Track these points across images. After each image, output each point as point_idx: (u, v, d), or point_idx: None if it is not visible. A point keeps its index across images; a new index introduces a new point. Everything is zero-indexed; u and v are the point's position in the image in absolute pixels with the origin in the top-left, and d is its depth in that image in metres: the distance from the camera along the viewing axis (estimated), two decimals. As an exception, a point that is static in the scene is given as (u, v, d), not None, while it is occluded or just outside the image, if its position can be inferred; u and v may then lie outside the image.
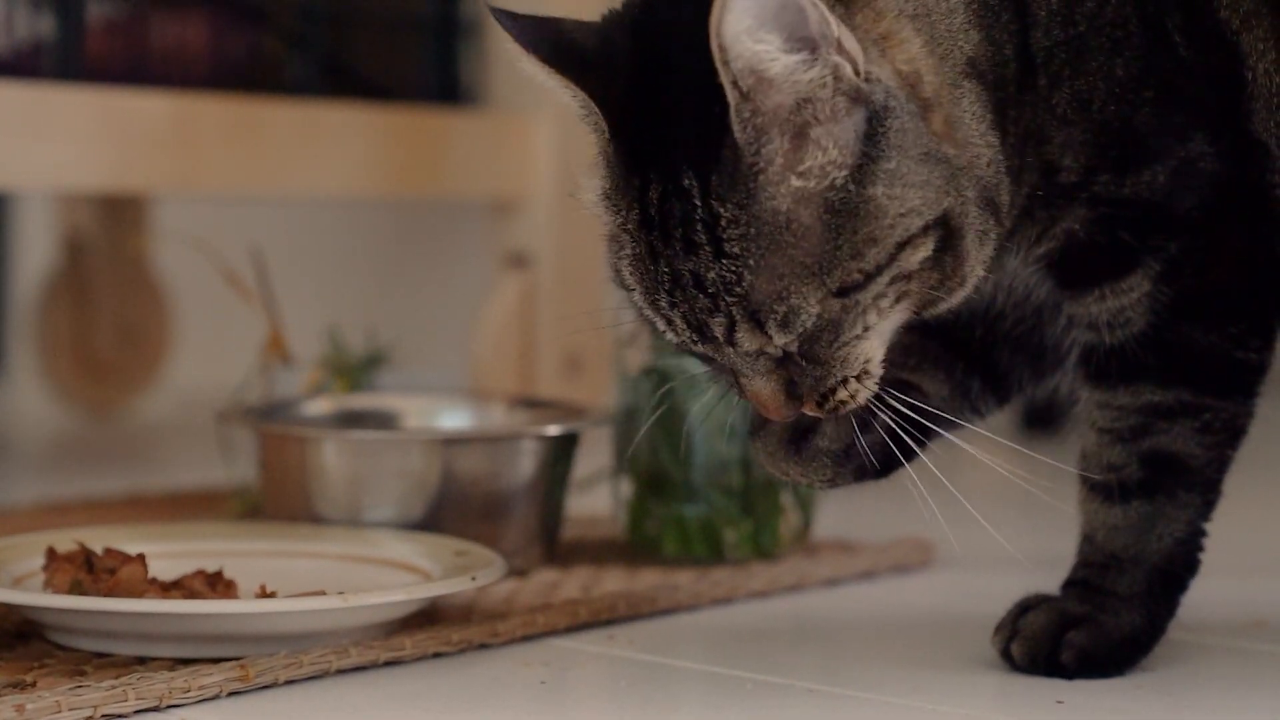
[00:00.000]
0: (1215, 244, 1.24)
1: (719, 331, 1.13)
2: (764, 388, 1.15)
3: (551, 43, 1.16)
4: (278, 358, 1.83)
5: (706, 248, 1.12)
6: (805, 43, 1.09)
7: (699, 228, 1.12)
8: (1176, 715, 1.22)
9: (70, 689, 1.17)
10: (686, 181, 1.12)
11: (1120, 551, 1.29)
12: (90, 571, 1.33)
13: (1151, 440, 1.27)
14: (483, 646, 1.35)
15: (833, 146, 1.11)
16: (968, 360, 1.33)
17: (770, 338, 1.13)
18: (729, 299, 1.12)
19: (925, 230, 1.13)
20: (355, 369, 1.82)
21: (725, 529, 1.62)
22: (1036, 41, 1.21)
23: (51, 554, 1.35)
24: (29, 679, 1.21)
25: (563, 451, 1.60)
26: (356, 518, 1.55)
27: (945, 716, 1.21)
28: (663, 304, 1.15)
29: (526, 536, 1.58)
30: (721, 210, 1.11)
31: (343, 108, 2.20)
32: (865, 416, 1.23)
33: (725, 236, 1.11)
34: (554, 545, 1.62)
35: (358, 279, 3.22)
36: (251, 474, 1.71)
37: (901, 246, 1.13)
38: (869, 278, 1.13)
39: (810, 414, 1.18)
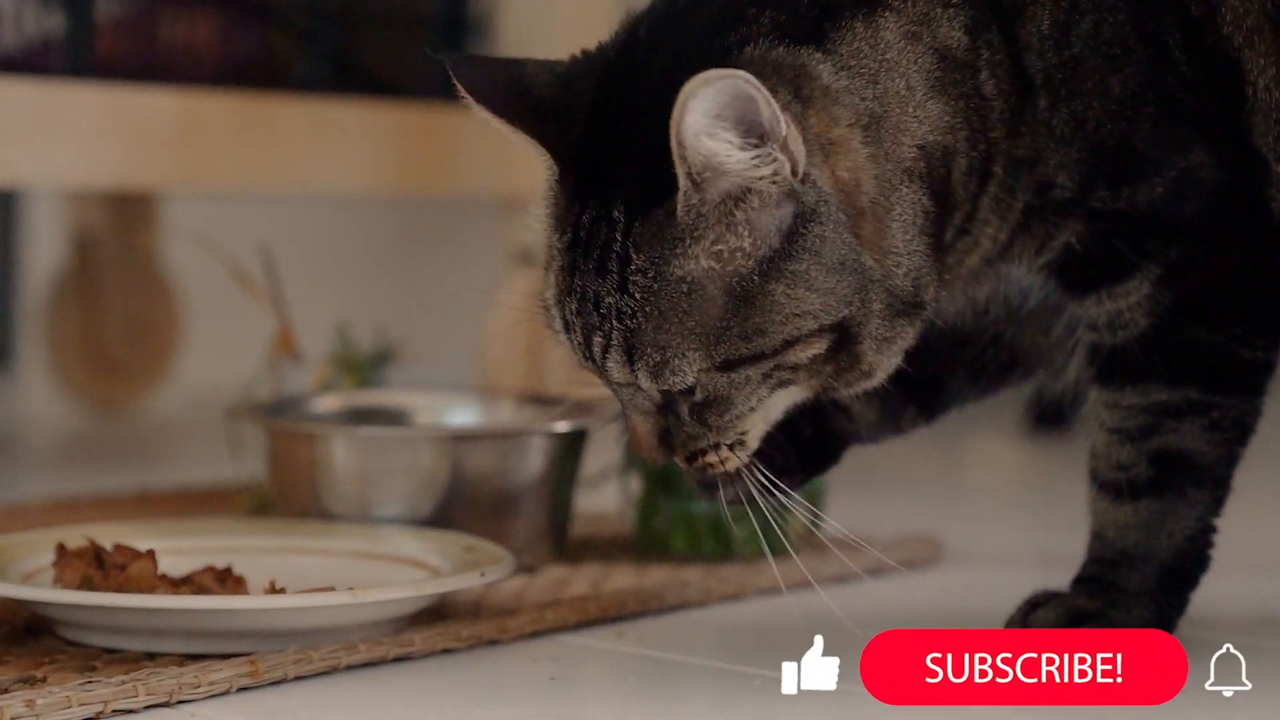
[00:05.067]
0: (1216, 248, 1.26)
1: (596, 350, 1.19)
2: (639, 426, 1.22)
3: (505, 89, 1.21)
4: (287, 354, 1.83)
5: (614, 275, 1.17)
6: (757, 137, 1.13)
7: (613, 258, 1.17)
8: (1186, 713, 1.22)
9: (80, 684, 1.17)
10: (616, 213, 1.17)
11: (1131, 549, 1.29)
12: (100, 567, 1.34)
13: (1161, 439, 1.28)
14: (492, 643, 1.35)
15: (748, 235, 1.15)
16: (907, 389, 1.35)
17: (635, 376, 1.18)
18: (615, 325, 1.17)
19: (817, 332, 1.17)
20: (364, 365, 1.82)
21: (734, 525, 1.62)
22: (1031, 64, 1.23)
23: (61, 550, 1.35)
24: (39, 674, 1.21)
25: (571, 448, 1.60)
26: (365, 514, 1.55)
27: (955, 713, 1.20)
28: (567, 313, 1.20)
29: (535, 533, 1.58)
30: (634, 255, 1.16)
31: (352, 105, 2.20)
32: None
33: (631, 278, 1.16)
34: (563, 542, 1.62)
35: (367, 276, 3.22)
36: (260, 470, 1.71)
37: (789, 344, 1.17)
38: (753, 360, 1.17)
39: (679, 465, 1.22)
